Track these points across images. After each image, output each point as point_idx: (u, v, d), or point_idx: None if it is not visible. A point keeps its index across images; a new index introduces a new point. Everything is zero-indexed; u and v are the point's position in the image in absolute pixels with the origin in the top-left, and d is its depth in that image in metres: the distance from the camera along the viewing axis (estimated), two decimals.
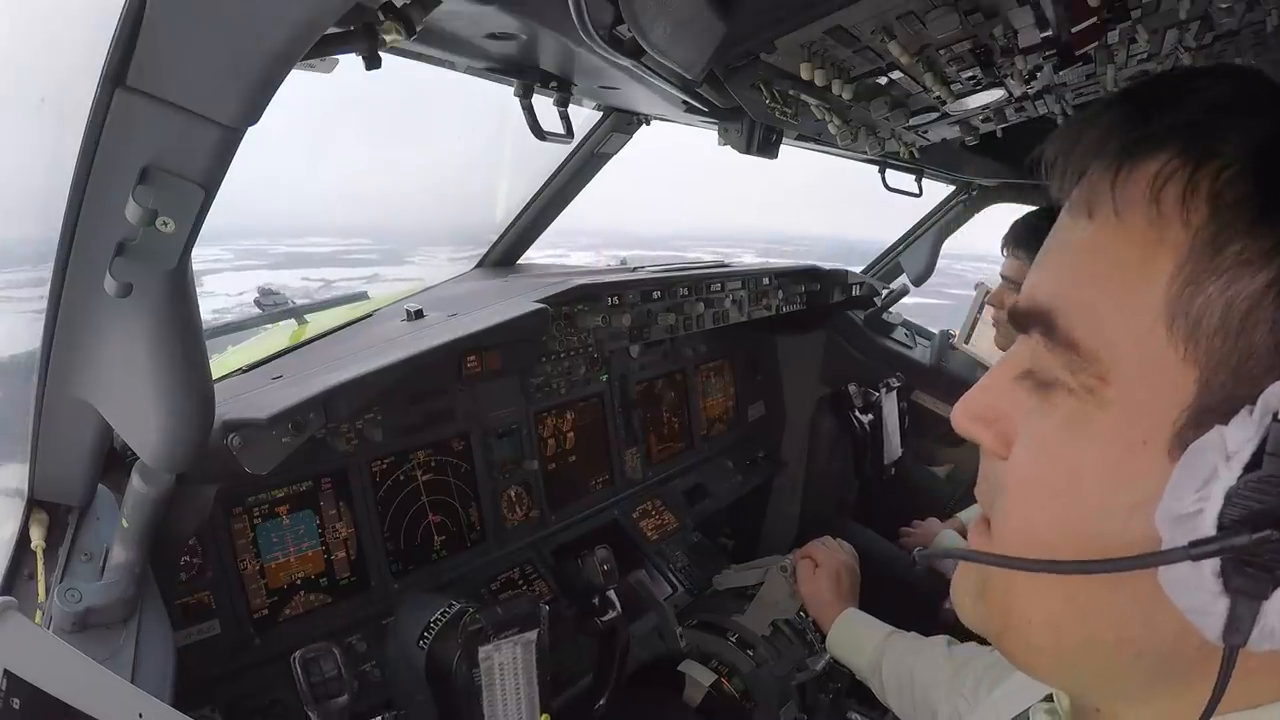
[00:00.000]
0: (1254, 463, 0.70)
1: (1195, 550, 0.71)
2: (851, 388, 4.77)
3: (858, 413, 4.71)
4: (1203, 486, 0.72)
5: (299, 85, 1.43)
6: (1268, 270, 0.73)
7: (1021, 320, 0.93)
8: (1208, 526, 0.71)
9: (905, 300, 5.26)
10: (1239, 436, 0.71)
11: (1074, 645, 0.91)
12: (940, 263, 4.84)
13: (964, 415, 1.01)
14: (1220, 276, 0.75)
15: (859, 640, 3.08)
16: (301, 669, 2.10)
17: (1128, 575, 0.78)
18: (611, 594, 2.84)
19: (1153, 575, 0.76)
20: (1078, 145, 0.90)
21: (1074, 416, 0.86)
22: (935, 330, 5.50)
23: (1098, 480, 0.84)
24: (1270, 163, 0.75)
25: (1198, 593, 0.72)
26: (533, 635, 2.38)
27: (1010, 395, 0.95)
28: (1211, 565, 0.71)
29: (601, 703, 2.89)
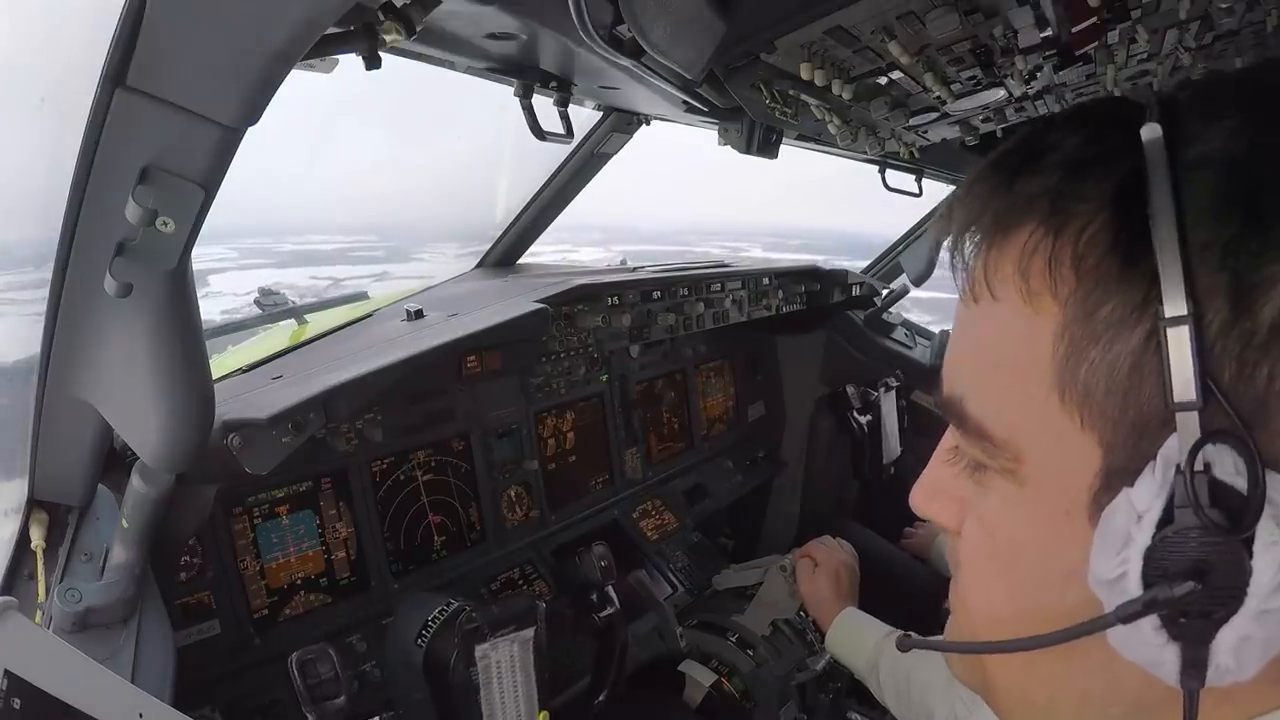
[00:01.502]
0: (1166, 517, 0.71)
1: (1122, 613, 0.73)
2: (849, 389, 4.77)
3: (855, 414, 4.71)
4: (1121, 549, 0.74)
5: (298, 83, 1.43)
6: (1143, 324, 0.73)
7: (944, 411, 0.95)
8: (1134, 586, 0.73)
9: (915, 293, 5.25)
10: (1146, 495, 0.73)
11: (1042, 706, 0.94)
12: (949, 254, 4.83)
13: (920, 498, 1.05)
14: (1099, 341, 0.76)
15: (858, 640, 3.09)
16: (298, 671, 2.10)
17: (1078, 640, 0.79)
18: (610, 590, 2.84)
19: (1102, 636, 0.77)
20: (951, 228, 0.91)
21: (1006, 496, 0.88)
22: (935, 330, 5.49)
23: (1034, 554, 0.87)
24: (1127, 210, 0.75)
25: (1145, 647, 0.75)
26: (529, 633, 2.38)
27: (954, 478, 0.98)
28: (1150, 620, 0.73)
29: (600, 699, 2.89)
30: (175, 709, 1.52)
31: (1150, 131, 0.75)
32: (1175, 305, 0.69)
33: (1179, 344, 0.69)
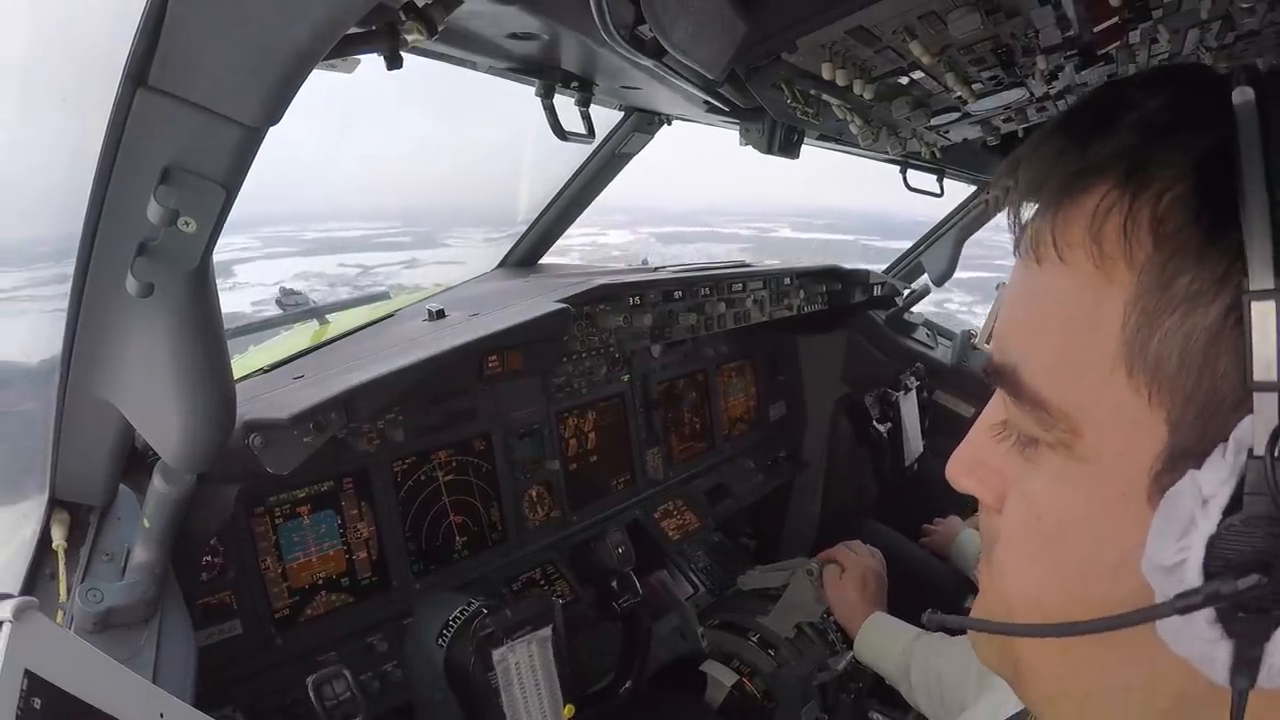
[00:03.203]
0: (1234, 504, 0.67)
1: (1181, 603, 0.68)
2: (868, 399, 4.75)
3: (875, 423, 4.70)
4: (1182, 536, 0.69)
5: (318, 71, 1.42)
6: (1223, 297, 0.68)
7: (994, 378, 0.89)
8: (1193, 576, 0.68)
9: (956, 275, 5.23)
10: (1214, 479, 0.68)
11: (1079, 697, 0.89)
12: (984, 233, 4.82)
13: (957, 470, 1.00)
14: (1174, 312, 0.71)
15: (886, 644, 3.08)
16: (315, 693, 2.11)
17: (1122, 630, 0.74)
18: (631, 575, 2.84)
19: (1149, 627, 0.72)
20: (1015, 186, 0.87)
21: (1058, 473, 0.83)
22: (957, 330, 5.48)
23: (1084, 537, 0.82)
24: (1213, 179, 0.70)
25: (1197, 641, 0.70)
26: (547, 632, 2.39)
27: (998, 451, 0.93)
28: (1205, 613, 0.68)
29: (626, 686, 2.89)
30: (196, 709, 1.53)
31: (1242, 95, 0.72)
32: (1262, 280, 0.65)
33: (1263, 319, 0.65)
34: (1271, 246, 0.65)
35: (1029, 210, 0.86)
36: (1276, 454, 0.65)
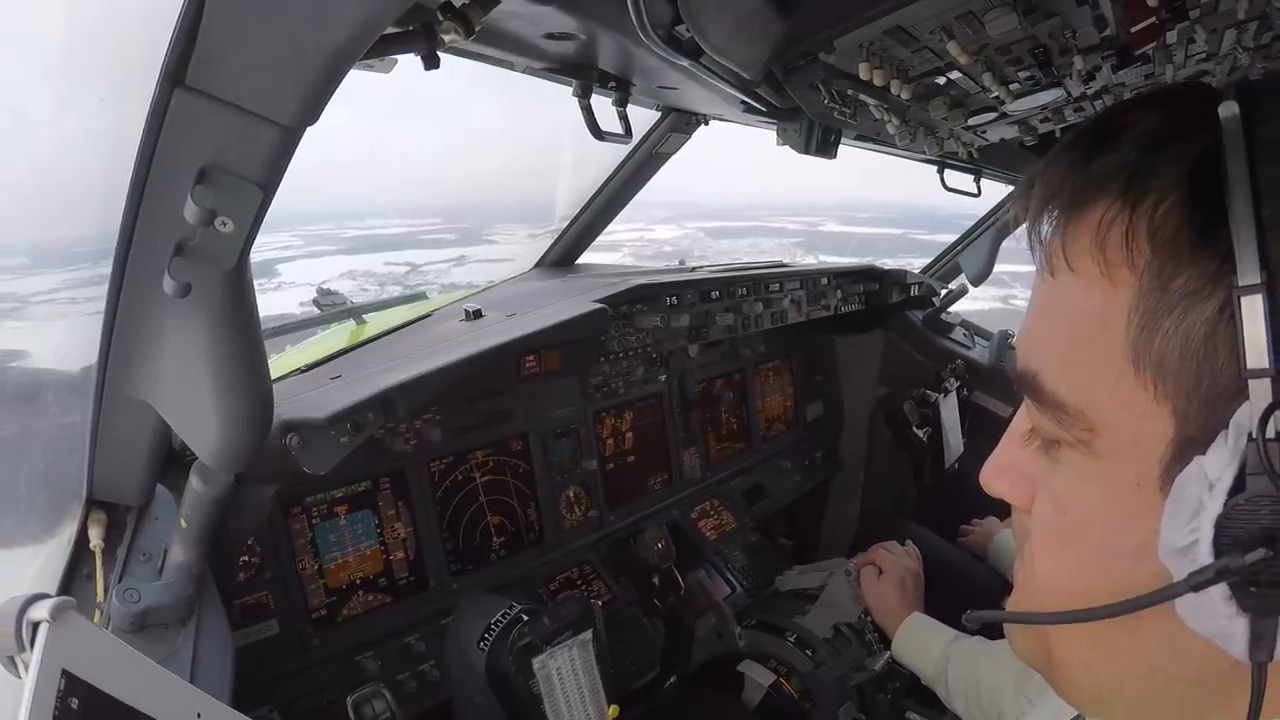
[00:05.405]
0: (1238, 486, 0.72)
1: (1193, 581, 0.73)
2: (906, 405, 4.73)
3: (914, 430, 4.67)
4: (1192, 518, 0.74)
5: (355, 72, 1.42)
6: (1216, 295, 0.74)
7: (1018, 385, 0.95)
8: (1205, 555, 0.73)
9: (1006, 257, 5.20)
10: (1218, 463, 0.73)
11: (1109, 681, 0.94)
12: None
13: (990, 476, 1.05)
14: (1173, 311, 0.77)
15: (925, 645, 3.09)
16: (354, 712, 2.12)
17: (1146, 612, 0.79)
18: (673, 571, 2.84)
19: (1170, 608, 0.77)
20: (1030, 203, 0.92)
21: (1079, 469, 0.89)
22: (994, 330, 5.46)
23: (1105, 527, 0.87)
24: (1203, 186, 0.76)
25: (1214, 618, 0.74)
26: (587, 635, 2.38)
27: (1026, 455, 0.99)
28: (1220, 590, 0.73)
29: (671, 681, 2.89)
30: (234, 709, 1.53)
31: (1228, 109, 0.77)
32: (1249, 276, 0.71)
33: (1253, 312, 0.70)
34: (1257, 244, 0.71)
35: (1044, 225, 0.92)
36: (1269, 434, 0.70)
